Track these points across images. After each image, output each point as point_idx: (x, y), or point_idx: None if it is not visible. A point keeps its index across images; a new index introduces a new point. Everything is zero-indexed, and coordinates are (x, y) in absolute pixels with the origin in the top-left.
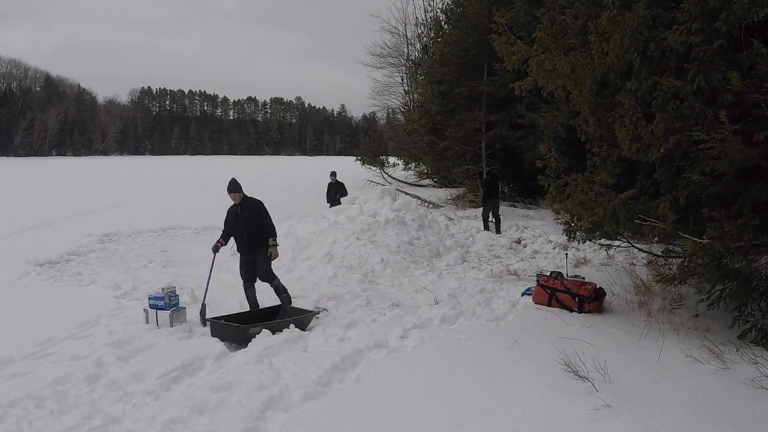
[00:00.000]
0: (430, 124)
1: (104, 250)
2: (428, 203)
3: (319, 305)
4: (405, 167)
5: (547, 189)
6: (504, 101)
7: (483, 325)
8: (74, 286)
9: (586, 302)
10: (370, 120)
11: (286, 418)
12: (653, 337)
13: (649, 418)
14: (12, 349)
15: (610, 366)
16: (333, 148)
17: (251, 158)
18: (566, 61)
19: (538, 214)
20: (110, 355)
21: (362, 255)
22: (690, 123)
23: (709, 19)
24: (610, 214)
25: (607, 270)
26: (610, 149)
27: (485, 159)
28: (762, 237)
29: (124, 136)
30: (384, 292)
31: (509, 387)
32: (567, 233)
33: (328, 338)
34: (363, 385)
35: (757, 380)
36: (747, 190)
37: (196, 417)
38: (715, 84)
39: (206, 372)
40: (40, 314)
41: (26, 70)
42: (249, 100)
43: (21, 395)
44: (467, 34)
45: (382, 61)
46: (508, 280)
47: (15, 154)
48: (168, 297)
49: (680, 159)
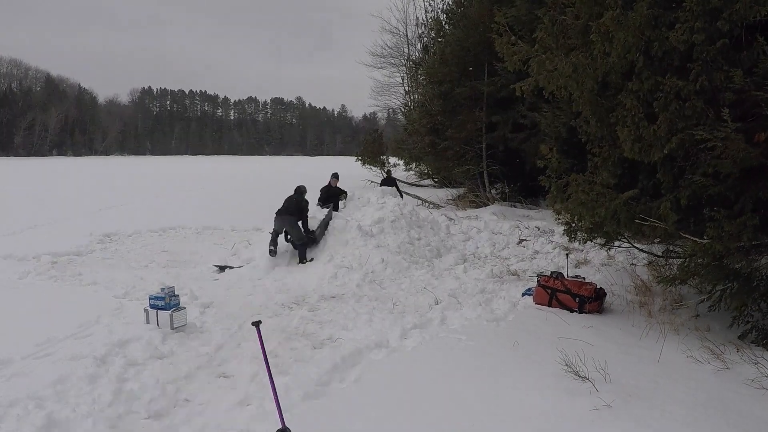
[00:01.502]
0: (431, 124)
1: (104, 250)
2: (429, 203)
3: (319, 305)
4: (405, 167)
5: (548, 189)
6: (505, 101)
7: (483, 326)
8: (74, 285)
9: (586, 302)
10: (370, 120)
11: (286, 417)
12: (653, 337)
13: (649, 418)
14: (12, 349)
15: (610, 366)
16: (333, 149)
17: (251, 158)
18: (567, 61)
19: (538, 215)
20: (110, 355)
21: (362, 255)
22: (692, 123)
23: (711, 18)
24: (611, 214)
25: (608, 270)
26: (612, 149)
27: (486, 159)
28: (762, 237)
29: (124, 136)
30: (384, 293)
31: (509, 387)
32: (568, 234)
33: (328, 336)
34: (363, 385)
35: (758, 380)
36: (749, 189)
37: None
38: (718, 83)
39: (207, 373)
40: (40, 314)
41: (26, 70)
42: (249, 100)
43: (21, 395)
44: (468, 35)
45: (382, 62)
46: (509, 280)
47: (15, 154)
48: (168, 297)
49: (682, 159)
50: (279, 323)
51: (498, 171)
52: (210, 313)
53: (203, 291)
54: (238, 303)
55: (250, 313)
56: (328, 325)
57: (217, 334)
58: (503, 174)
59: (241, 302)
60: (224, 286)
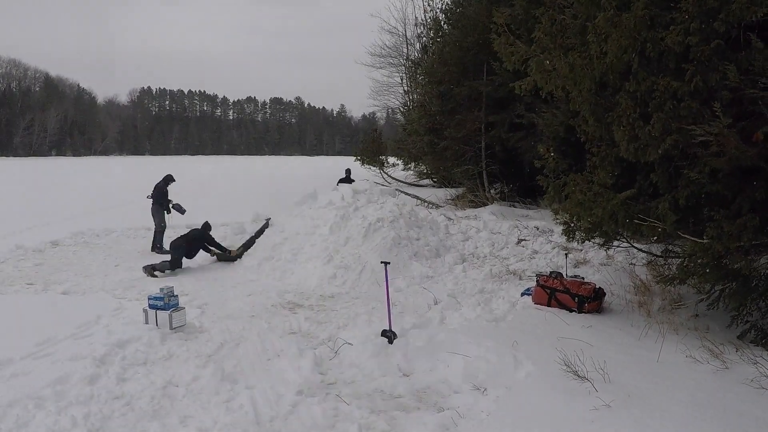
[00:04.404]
0: (430, 124)
1: (105, 250)
2: (428, 203)
3: (318, 305)
4: (405, 167)
5: (547, 189)
6: (503, 101)
7: (483, 325)
8: (74, 285)
9: (585, 302)
10: (369, 120)
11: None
12: (653, 337)
13: (648, 418)
14: (12, 349)
15: (609, 366)
16: (333, 148)
17: (251, 158)
18: (565, 61)
19: (537, 214)
20: (110, 355)
21: (362, 255)
22: (688, 123)
23: (707, 19)
24: (609, 214)
25: (607, 270)
26: (609, 149)
27: (485, 159)
28: (761, 237)
29: (123, 136)
30: (383, 292)
31: (509, 387)
32: (566, 233)
33: (327, 336)
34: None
35: (757, 380)
36: (746, 189)
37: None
38: (713, 84)
39: (210, 374)
40: (40, 314)
41: (26, 70)
42: (248, 100)
43: (21, 395)
44: (467, 34)
45: (381, 61)
46: (508, 279)
47: (15, 154)
48: (167, 297)
49: (678, 159)
50: (279, 323)
51: (497, 171)
52: (209, 312)
53: (203, 291)
54: (238, 303)
55: (250, 313)
56: (328, 325)
57: (216, 334)
58: (502, 174)
59: (240, 302)
60: (224, 285)
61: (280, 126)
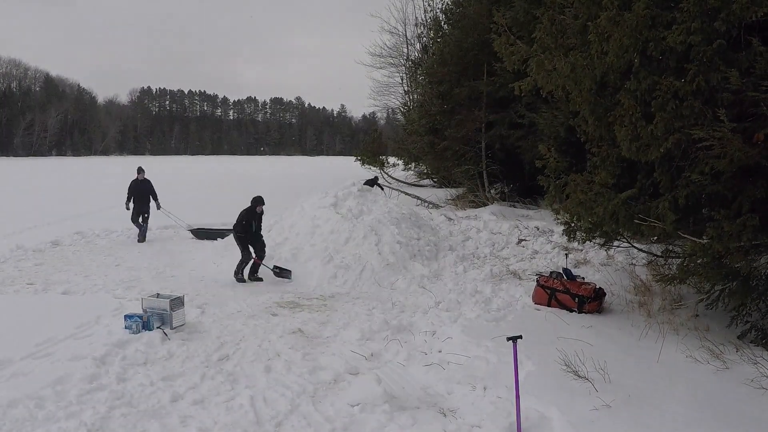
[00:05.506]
0: (430, 124)
1: (105, 250)
2: (428, 203)
3: (318, 305)
4: (405, 167)
5: (547, 189)
6: (504, 101)
7: (483, 326)
8: (74, 285)
9: (585, 302)
10: (370, 120)
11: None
12: (653, 337)
13: (649, 418)
14: (12, 349)
15: (609, 366)
16: (333, 149)
17: (250, 158)
18: (566, 61)
19: (537, 214)
20: (110, 356)
21: (362, 255)
22: (690, 123)
23: (708, 19)
24: (609, 214)
25: (607, 270)
26: (610, 149)
27: (485, 159)
28: (761, 237)
29: (123, 136)
30: (383, 293)
31: (509, 387)
32: (567, 233)
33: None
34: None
35: (757, 380)
36: (746, 189)
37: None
38: (715, 84)
39: (210, 374)
40: (40, 314)
41: (26, 70)
42: (249, 100)
43: (21, 395)
44: (467, 34)
45: (382, 62)
46: (508, 280)
47: (15, 154)
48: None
49: (680, 159)
50: (279, 323)
51: (497, 171)
52: (209, 312)
53: (203, 291)
54: (238, 303)
55: (250, 313)
56: (329, 325)
57: (216, 334)
58: (502, 174)
59: (240, 302)
60: (224, 285)
61: (280, 126)
